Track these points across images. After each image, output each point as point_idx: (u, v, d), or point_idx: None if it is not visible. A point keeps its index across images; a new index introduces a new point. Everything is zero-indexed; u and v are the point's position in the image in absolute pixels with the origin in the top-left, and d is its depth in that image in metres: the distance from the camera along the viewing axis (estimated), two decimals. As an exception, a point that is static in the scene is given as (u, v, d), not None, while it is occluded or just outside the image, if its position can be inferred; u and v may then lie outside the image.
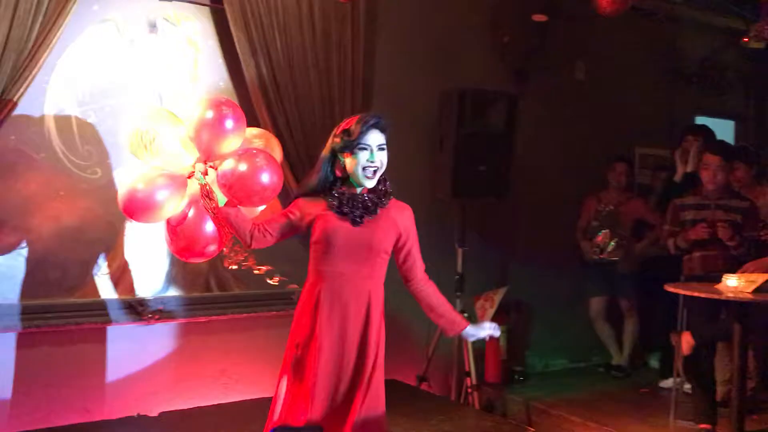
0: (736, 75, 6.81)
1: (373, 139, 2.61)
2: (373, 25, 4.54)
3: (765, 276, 3.66)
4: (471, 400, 4.62)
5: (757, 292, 3.57)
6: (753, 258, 4.09)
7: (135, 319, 3.89)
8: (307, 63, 4.20)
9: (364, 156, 2.59)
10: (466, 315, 4.46)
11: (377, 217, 2.64)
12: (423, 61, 4.95)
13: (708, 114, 6.54)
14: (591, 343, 5.73)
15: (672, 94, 6.39)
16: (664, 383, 5.11)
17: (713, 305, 3.98)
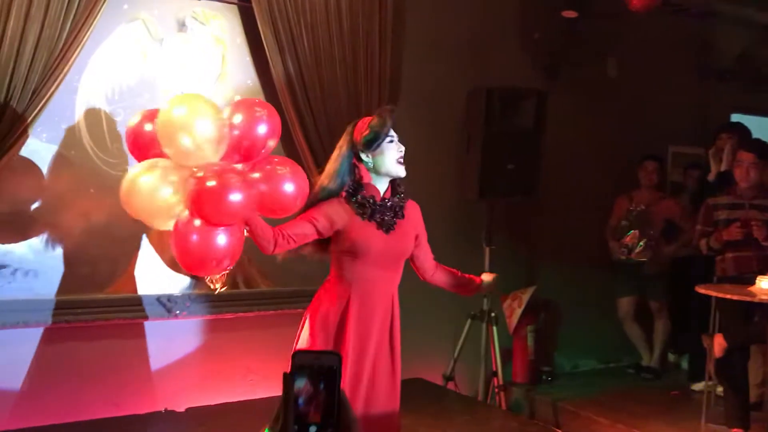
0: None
1: (393, 130, 2.64)
2: (401, 22, 4.51)
3: (801, 278, 3.59)
4: (498, 401, 4.58)
5: (792, 294, 3.50)
6: (788, 259, 4.01)
7: (163, 315, 3.92)
8: (335, 60, 4.19)
9: (394, 147, 2.61)
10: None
11: (401, 222, 2.66)
12: (451, 58, 4.91)
13: (743, 111, 6.39)
14: (620, 344, 5.65)
15: (706, 90, 6.26)
16: (696, 386, 5.02)
17: (746, 307, 3.93)
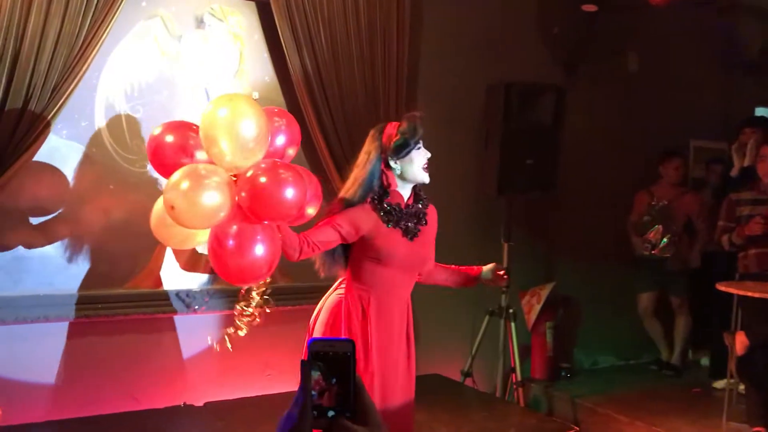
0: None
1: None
2: (419, 17, 4.50)
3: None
4: (516, 397, 4.56)
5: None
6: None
7: (182, 311, 3.95)
8: (352, 56, 4.19)
9: (422, 153, 2.62)
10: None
11: (424, 228, 2.68)
12: (469, 54, 4.88)
13: (768, 105, 6.32)
14: (640, 341, 5.60)
15: (729, 84, 6.16)
16: (717, 384, 4.96)
17: (769, 304, 3.86)
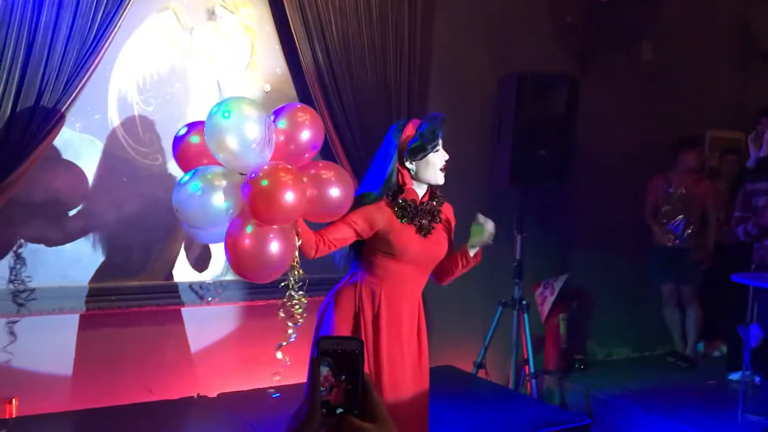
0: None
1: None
2: (431, 7, 4.47)
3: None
4: (529, 389, 4.55)
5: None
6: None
7: (195, 302, 3.97)
8: (364, 47, 4.17)
9: (439, 155, 2.61)
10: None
11: (438, 226, 2.67)
12: (481, 44, 4.85)
13: (786, 95, 6.23)
14: (655, 332, 5.56)
15: (746, 74, 6.10)
16: (733, 376, 4.92)
17: (785, 296, 3.82)
